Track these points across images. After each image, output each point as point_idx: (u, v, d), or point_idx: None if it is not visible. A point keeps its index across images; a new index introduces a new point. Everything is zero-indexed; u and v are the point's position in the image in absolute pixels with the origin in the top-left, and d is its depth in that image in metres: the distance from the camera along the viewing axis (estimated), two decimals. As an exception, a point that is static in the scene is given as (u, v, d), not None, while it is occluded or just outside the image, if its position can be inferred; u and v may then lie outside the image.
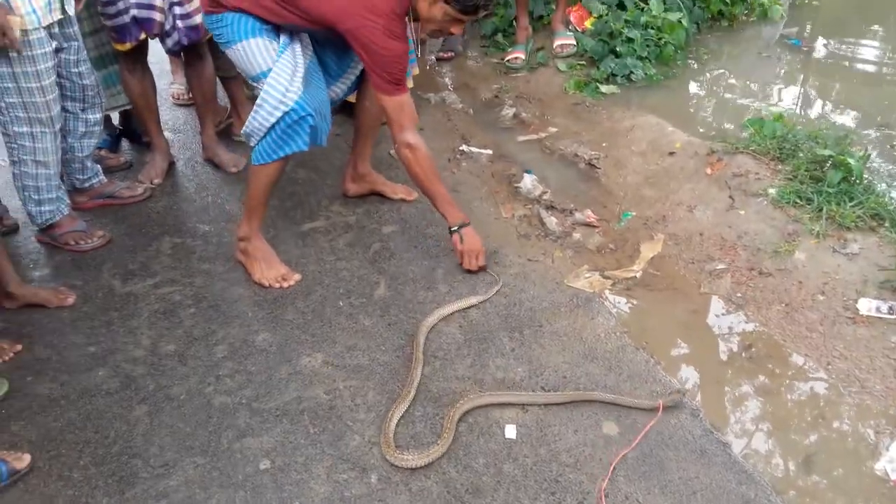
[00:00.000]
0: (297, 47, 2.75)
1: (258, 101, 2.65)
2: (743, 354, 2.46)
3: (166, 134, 3.80)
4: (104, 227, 3.27)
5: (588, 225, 3.12)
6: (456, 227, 2.85)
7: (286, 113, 2.61)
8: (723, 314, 2.63)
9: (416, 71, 4.09)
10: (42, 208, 3.04)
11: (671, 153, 3.40)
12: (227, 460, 2.13)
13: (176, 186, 3.61)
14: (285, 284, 2.87)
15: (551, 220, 3.16)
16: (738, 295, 2.67)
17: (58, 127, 2.94)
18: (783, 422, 2.24)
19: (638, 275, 2.81)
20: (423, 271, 2.91)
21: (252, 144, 2.76)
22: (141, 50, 3.40)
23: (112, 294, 2.88)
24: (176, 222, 3.30)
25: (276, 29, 2.72)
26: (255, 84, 2.77)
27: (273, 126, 2.64)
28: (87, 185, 3.35)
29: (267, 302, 2.77)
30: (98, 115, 3.20)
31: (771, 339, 2.50)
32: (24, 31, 2.69)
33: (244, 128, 2.74)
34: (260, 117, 2.65)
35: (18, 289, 2.79)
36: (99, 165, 3.42)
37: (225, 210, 3.37)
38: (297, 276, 2.90)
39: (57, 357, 2.58)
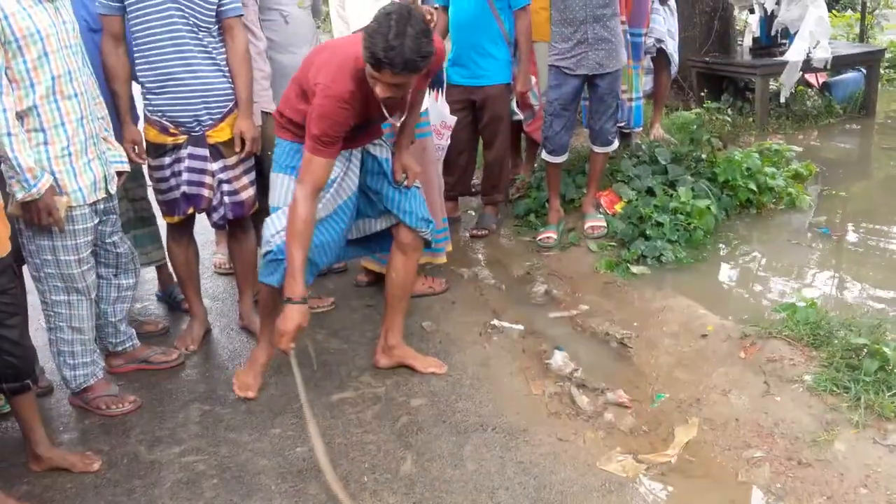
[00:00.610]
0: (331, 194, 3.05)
1: None
2: (786, 552, 2.33)
3: (205, 301, 3.91)
4: (136, 391, 3.31)
5: (620, 405, 3.07)
6: (285, 300, 2.88)
7: (268, 252, 3.04)
8: (763, 506, 2.51)
9: (449, 248, 4.23)
10: (76, 372, 3.11)
11: (703, 335, 3.39)
12: None
13: (210, 353, 3.67)
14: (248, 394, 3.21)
15: (582, 399, 3.11)
16: (778, 485, 2.56)
17: (93, 294, 3.07)
18: None
19: (673, 460, 2.73)
20: (450, 447, 2.85)
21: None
22: (188, 222, 3.59)
23: (137, 460, 2.86)
24: (207, 389, 3.33)
25: None
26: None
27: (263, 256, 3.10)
28: (119, 348, 3.42)
29: (291, 475, 2.72)
30: (131, 280, 3.33)
31: (815, 536, 2.37)
32: (70, 208, 2.87)
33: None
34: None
35: (47, 452, 2.79)
36: (133, 330, 3.50)
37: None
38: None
39: (74, 525, 2.53)
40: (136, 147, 3.40)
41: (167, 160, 3.38)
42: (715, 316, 3.56)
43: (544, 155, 4.61)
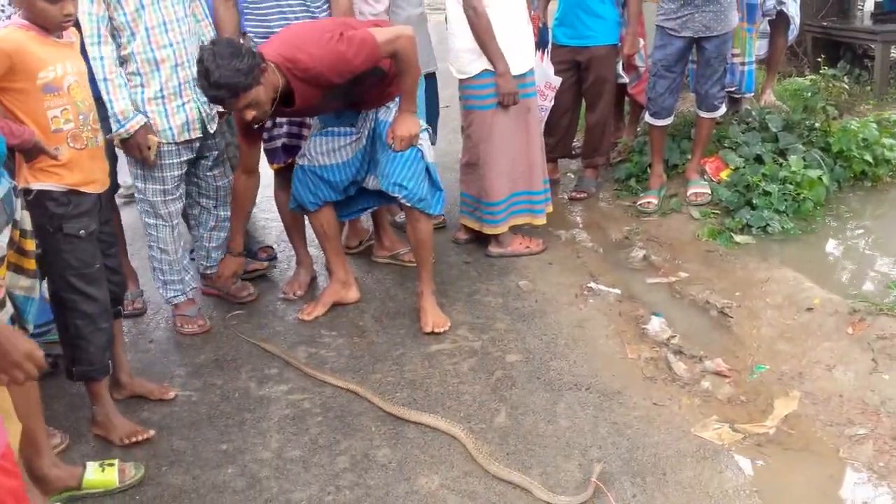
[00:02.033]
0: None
1: None
2: (886, 530, 2.28)
3: (311, 251, 4.06)
4: (247, 331, 3.50)
5: (718, 374, 3.04)
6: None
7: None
8: (863, 484, 2.45)
9: (549, 209, 4.24)
10: (167, 287, 3.48)
11: (809, 309, 3.31)
12: (340, 572, 2.15)
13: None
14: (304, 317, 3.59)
15: (679, 366, 3.10)
16: (881, 464, 2.50)
17: (175, 222, 3.38)
18: None
19: (771, 431, 2.70)
20: (544, 403, 2.90)
21: None
22: (290, 170, 3.73)
23: (248, 396, 3.04)
24: (312, 334, 3.48)
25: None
26: None
27: None
28: (209, 272, 3.73)
29: (390, 418, 2.84)
30: (229, 213, 3.59)
31: (919, 517, 2.31)
32: (159, 145, 3.18)
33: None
34: None
35: (129, 379, 3.02)
36: None
37: (358, 325, 3.53)
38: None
39: (191, 450, 2.73)
40: None
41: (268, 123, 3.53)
42: (822, 290, 3.46)
43: (647, 117, 4.53)
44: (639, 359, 3.19)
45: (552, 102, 4.61)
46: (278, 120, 3.55)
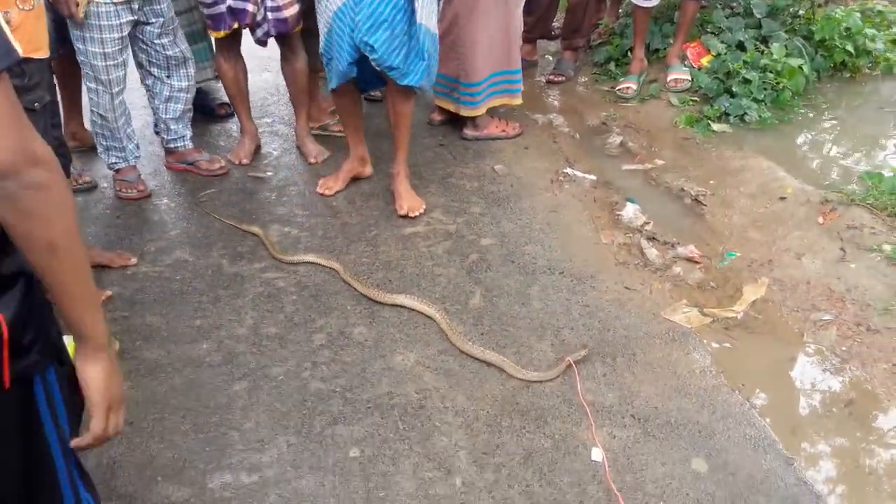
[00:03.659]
0: None
1: None
2: (844, 408, 2.39)
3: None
4: (216, 208, 3.43)
5: (690, 260, 3.09)
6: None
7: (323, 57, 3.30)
8: (825, 366, 2.55)
9: (519, 101, 4.12)
10: (108, 153, 3.45)
11: (782, 198, 3.33)
12: (319, 444, 2.20)
13: (290, 179, 3.74)
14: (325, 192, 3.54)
15: (652, 251, 3.13)
16: (843, 349, 2.59)
17: (116, 89, 3.27)
18: (881, 480, 2.16)
19: (738, 316, 2.77)
20: (518, 286, 2.93)
21: None
22: (235, 38, 3.63)
23: (220, 273, 3.01)
24: (286, 212, 3.43)
25: None
26: None
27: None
28: (171, 146, 3.70)
29: (365, 298, 2.84)
30: (183, 83, 3.53)
31: (874, 397, 2.42)
32: (95, 3, 3.02)
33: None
34: None
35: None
36: (189, 131, 3.69)
37: (331, 205, 3.48)
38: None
39: (165, 326, 2.72)
40: None
41: None
42: (795, 180, 3.48)
43: (633, -3, 4.38)
44: (612, 244, 3.21)
45: (534, -22, 4.42)
46: None
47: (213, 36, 3.65)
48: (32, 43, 2.43)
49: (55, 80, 3.03)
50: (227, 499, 2.05)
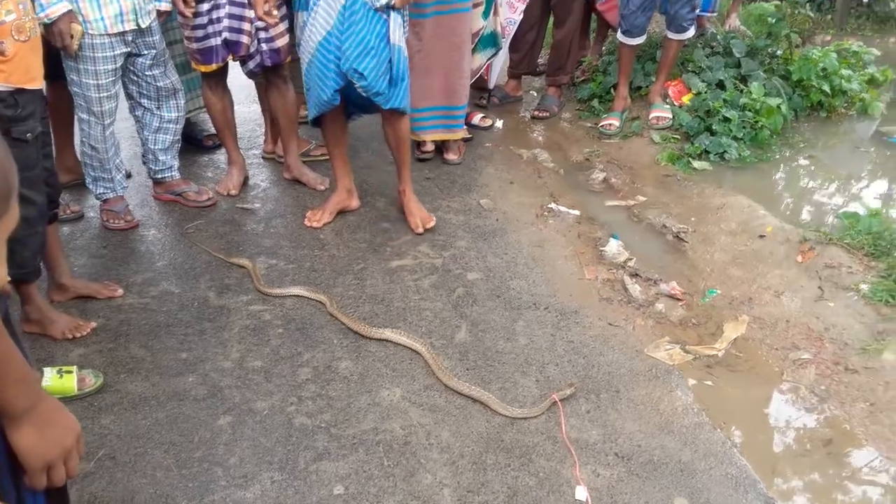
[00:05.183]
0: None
1: None
2: (822, 448, 2.42)
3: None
4: (207, 239, 3.44)
5: (672, 297, 3.13)
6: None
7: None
8: (804, 405, 2.59)
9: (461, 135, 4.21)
10: (97, 184, 3.47)
11: (761, 236, 3.40)
12: (304, 480, 2.20)
13: (277, 210, 3.76)
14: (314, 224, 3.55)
15: (635, 288, 3.18)
16: (822, 388, 2.64)
17: (108, 121, 3.31)
18: (860, 523, 2.19)
19: (720, 353, 2.81)
20: (503, 321, 2.95)
21: None
22: (222, 71, 3.67)
23: (206, 305, 3.01)
24: (273, 245, 3.44)
25: None
26: None
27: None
28: (159, 176, 3.71)
29: (352, 332, 2.85)
30: (173, 114, 3.55)
31: (853, 437, 2.46)
32: (90, 35, 3.06)
33: None
34: None
35: (70, 281, 2.98)
36: (176, 161, 3.70)
37: (319, 238, 3.49)
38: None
39: (150, 358, 2.71)
40: None
41: (205, 6, 3.39)
42: (774, 218, 3.56)
43: (619, 35, 4.48)
44: (596, 280, 3.25)
45: (521, 16, 4.51)
46: (216, 15, 3.40)
47: (199, 70, 3.64)
48: (28, 74, 2.46)
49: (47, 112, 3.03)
50: (211, 536, 2.04)
